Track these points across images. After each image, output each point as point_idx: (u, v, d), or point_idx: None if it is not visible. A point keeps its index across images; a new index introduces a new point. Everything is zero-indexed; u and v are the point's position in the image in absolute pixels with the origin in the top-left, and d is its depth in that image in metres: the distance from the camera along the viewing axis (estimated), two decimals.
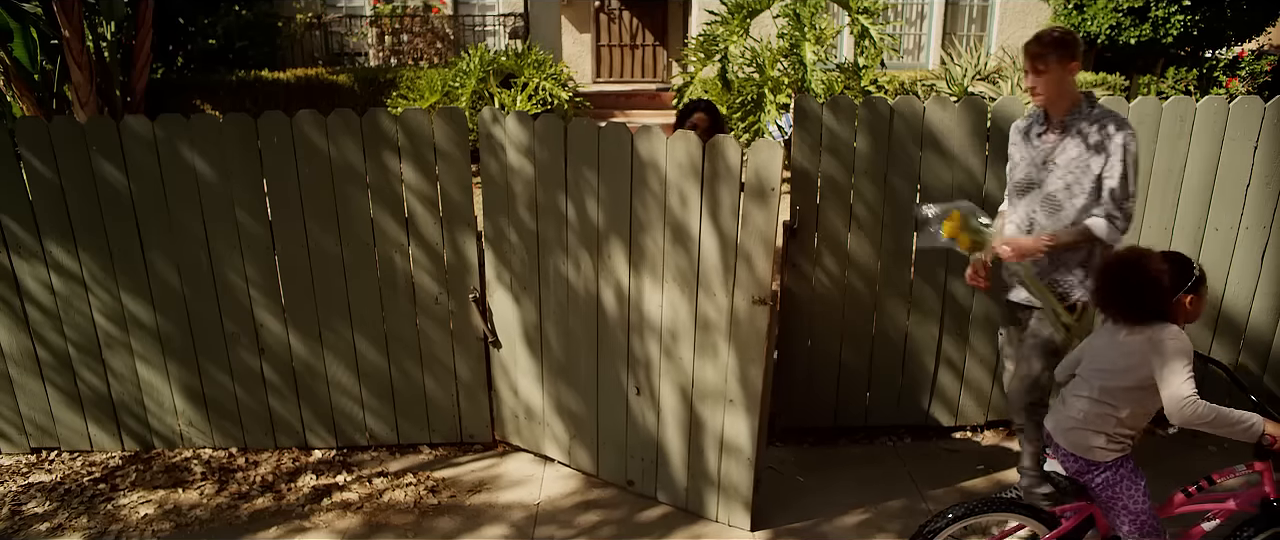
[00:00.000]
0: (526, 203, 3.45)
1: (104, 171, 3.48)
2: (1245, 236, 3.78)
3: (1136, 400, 2.44)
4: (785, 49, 5.71)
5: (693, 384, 3.29)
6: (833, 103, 3.50)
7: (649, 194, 3.16)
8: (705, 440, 3.33)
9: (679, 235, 3.14)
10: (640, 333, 3.35)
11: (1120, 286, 2.42)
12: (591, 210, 3.29)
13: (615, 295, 3.37)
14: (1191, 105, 3.59)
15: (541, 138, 3.31)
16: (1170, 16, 8.81)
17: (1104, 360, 2.49)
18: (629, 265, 3.28)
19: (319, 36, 10.77)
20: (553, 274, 3.50)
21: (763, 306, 3.04)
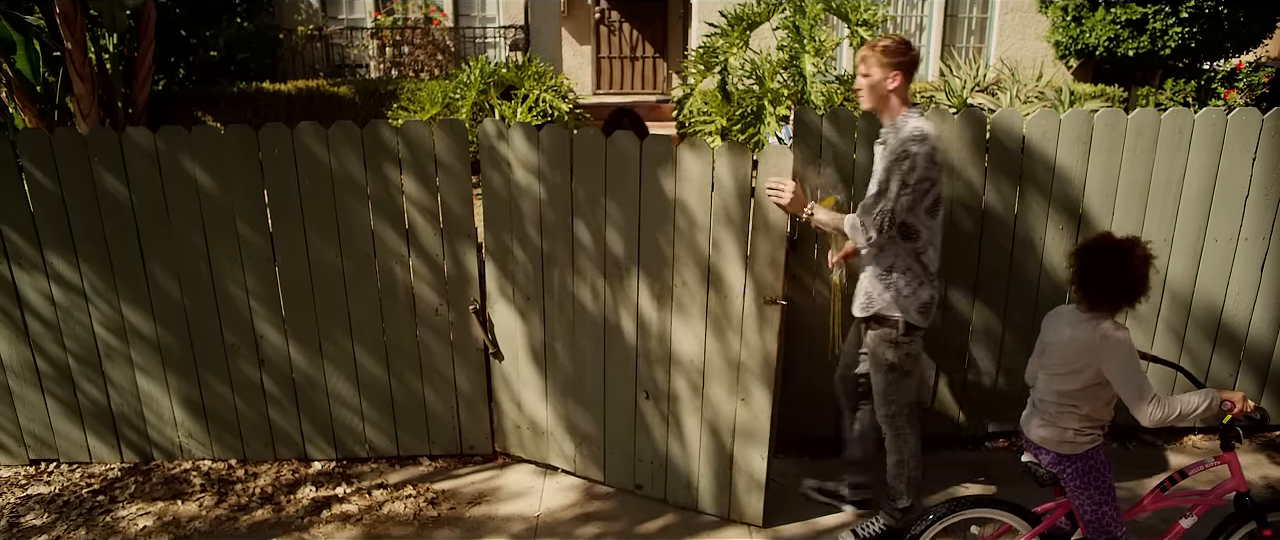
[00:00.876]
0: (532, 217, 3.46)
1: (105, 183, 3.49)
2: (1245, 247, 3.79)
3: (1093, 396, 2.55)
4: (785, 61, 5.73)
5: (704, 386, 3.30)
6: (832, 115, 3.51)
7: (657, 204, 3.17)
8: (719, 437, 3.35)
9: (691, 244, 3.15)
10: (648, 335, 3.35)
11: (1100, 272, 2.50)
12: (598, 218, 3.30)
13: (623, 301, 3.38)
14: (1190, 117, 3.60)
15: (546, 148, 3.33)
16: (1168, 29, 8.84)
17: (1056, 365, 2.61)
18: (638, 266, 3.29)
19: (320, 48, 10.81)
20: (558, 285, 3.50)
21: (774, 306, 3.12)
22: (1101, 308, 2.52)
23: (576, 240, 3.39)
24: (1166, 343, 3.88)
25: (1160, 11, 8.78)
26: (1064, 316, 2.64)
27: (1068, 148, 3.60)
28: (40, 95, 7.61)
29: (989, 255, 3.71)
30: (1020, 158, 3.60)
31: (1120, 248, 2.49)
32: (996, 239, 3.70)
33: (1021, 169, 3.62)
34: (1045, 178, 3.63)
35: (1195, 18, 8.81)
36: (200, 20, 9.97)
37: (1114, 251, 2.49)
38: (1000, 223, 3.68)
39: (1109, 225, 3.68)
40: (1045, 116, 3.58)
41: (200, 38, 9.82)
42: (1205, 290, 3.83)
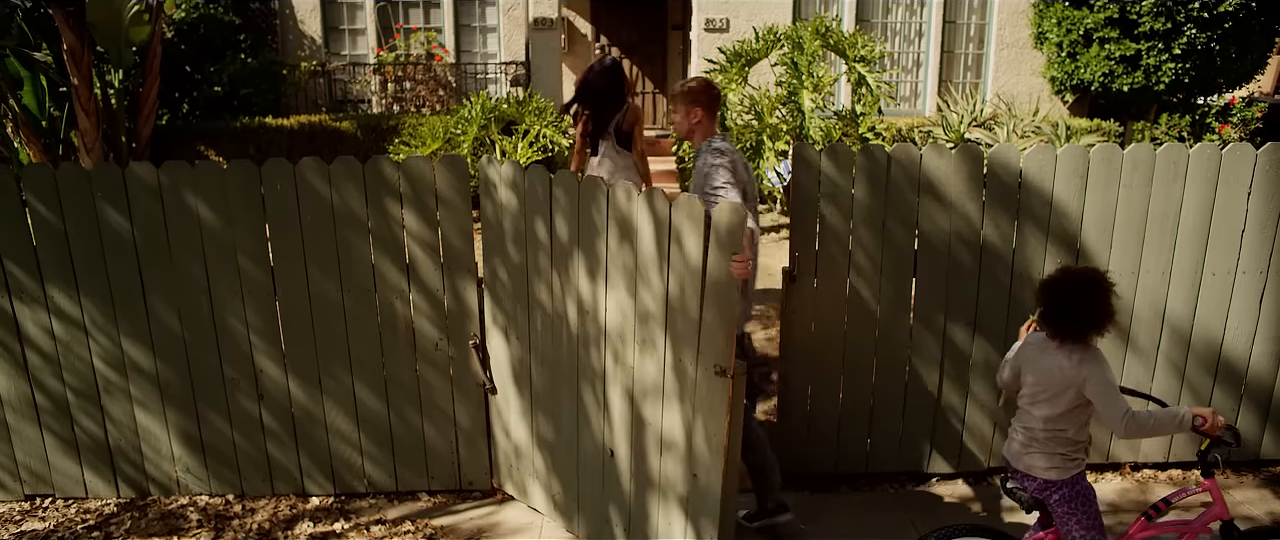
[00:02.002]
0: (514, 238, 3.47)
1: (108, 217, 3.51)
2: (1243, 281, 3.80)
3: (1077, 417, 2.65)
4: (783, 97, 5.79)
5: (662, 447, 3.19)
6: (830, 150, 3.54)
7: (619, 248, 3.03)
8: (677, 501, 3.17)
9: (648, 287, 2.98)
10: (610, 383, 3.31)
11: (1078, 304, 2.57)
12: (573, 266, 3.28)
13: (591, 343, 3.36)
14: (1185, 152, 3.63)
15: (524, 191, 3.31)
16: (1161, 65, 8.94)
17: (1038, 393, 2.67)
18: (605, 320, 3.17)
19: (323, 84, 10.91)
20: (537, 322, 3.50)
21: (722, 378, 2.76)
22: (1071, 339, 2.60)
23: (552, 289, 3.31)
24: (1167, 378, 3.87)
25: (1153, 48, 8.88)
26: (1037, 346, 2.71)
27: (1064, 182, 3.62)
28: (45, 130, 7.67)
29: (987, 290, 3.72)
30: (1017, 193, 3.63)
31: (1084, 281, 2.58)
32: (995, 274, 3.71)
33: (1019, 204, 3.64)
34: (1043, 212, 3.65)
35: (1188, 54, 8.90)
36: (205, 56, 10.07)
37: (1079, 285, 2.58)
38: (998, 257, 3.69)
39: (1107, 259, 3.70)
40: (1042, 151, 3.61)
41: (205, 73, 9.91)
42: (1204, 324, 3.83)
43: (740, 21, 10.02)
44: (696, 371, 2.86)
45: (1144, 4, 8.71)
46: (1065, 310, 2.58)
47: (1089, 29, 9.17)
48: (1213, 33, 8.77)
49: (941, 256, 3.67)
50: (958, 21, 10.44)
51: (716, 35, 10.03)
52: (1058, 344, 2.62)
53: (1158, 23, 8.73)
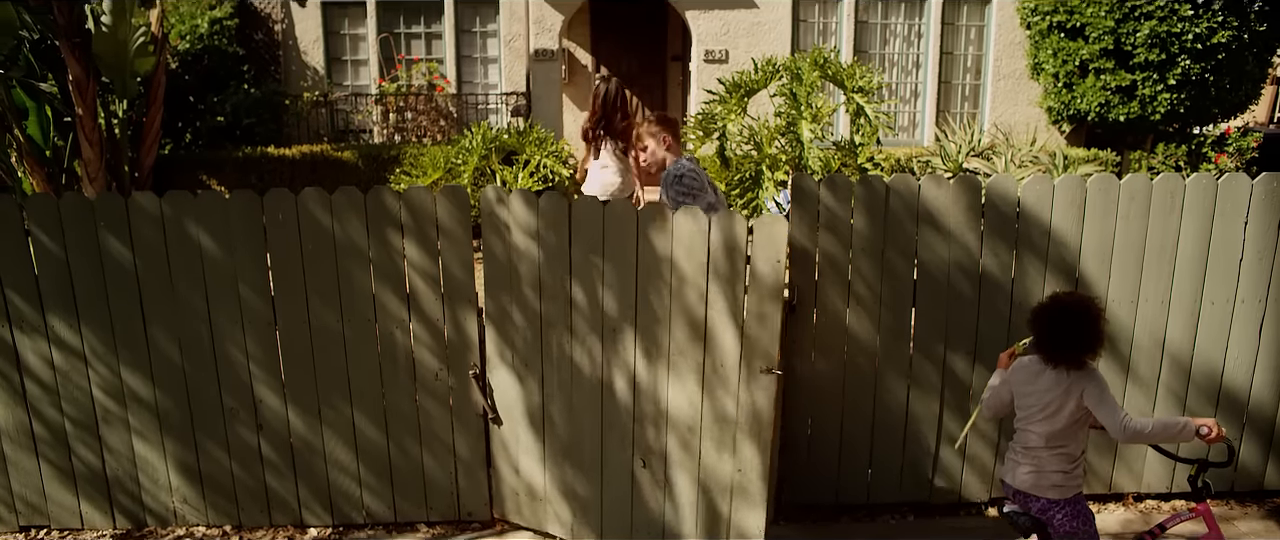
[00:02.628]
0: (531, 282, 3.48)
1: (110, 247, 3.52)
2: (1242, 310, 3.80)
3: (1077, 432, 2.72)
4: (782, 127, 5.81)
5: (701, 460, 3.27)
6: (829, 181, 3.57)
7: (656, 273, 3.20)
8: (713, 500, 3.31)
9: (689, 311, 3.15)
10: (643, 396, 3.34)
11: (1074, 331, 2.64)
12: (597, 286, 3.32)
13: (619, 366, 3.37)
14: (1181, 182, 3.66)
15: (546, 216, 3.37)
16: (1157, 95, 9.02)
17: (1035, 412, 2.73)
18: (635, 331, 3.28)
19: (325, 114, 10.98)
20: (557, 351, 3.50)
21: (770, 375, 3.22)
22: (1064, 363, 2.65)
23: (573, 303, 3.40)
24: (1168, 406, 3.86)
25: (1148, 78, 8.96)
26: (1030, 371, 2.76)
27: (1062, 212, 3.64)
28: (49, 159, 7.71)
29: (987, 319, 3.73)
30: (1016, 223, 3.65)
31: (1076, 307, 2.62)
32: (995, 303, 3.72)
33: (1018, 234, 3.66)
34: (1041, 242, 3.67)
35: (1182, 85, 8.99)
36: (209, 86, 10.16)
37: (1071, 311, 2.62)
38: (998, 287, 3.70)
39: (1105, 289, 3.70)
40: (1039, 182, 3.64)
41: (208, 103, 9.99)
42: (1204, 353, 3.83)
43: (739, 53, 10.13)
44: (744, 372, 3.26)
45: (1138, 36, 8.80)
46: (1058, 336, 2.64)
47: (1084, 60, 9.26)
48: (1206, 64, 8.86)
49: (941, 286, 3.68)
50: (954, 53, 10.55)
51: (716, 66, 10.13)
52: (1052, 367, 2.66)
53: (1152, 54, 8.82)
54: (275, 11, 11.15)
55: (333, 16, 11.26)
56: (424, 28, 11.32)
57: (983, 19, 10.48)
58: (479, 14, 11.33)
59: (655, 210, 3.28)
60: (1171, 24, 8.69)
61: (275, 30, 11.17)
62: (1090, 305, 2.67)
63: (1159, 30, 8.73)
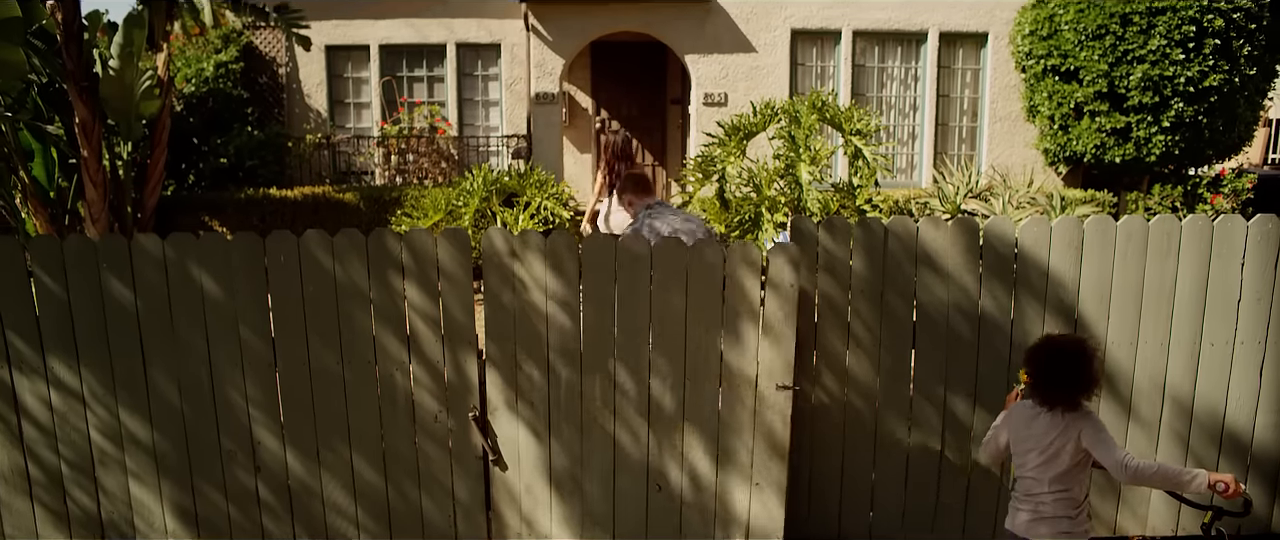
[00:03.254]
0: (540, 319, 3.49)
1: (112, 288, 3.53)
2: (1241, 351, 3.80)
3: (1079, 474, 2.71)
4: (781, 169, 5.88)
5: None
6: (828, 223, 3.59)
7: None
8: None
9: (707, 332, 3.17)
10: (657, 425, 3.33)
11: (1069, 373, 2.64)
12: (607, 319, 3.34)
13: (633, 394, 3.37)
14: (1177, 224, 3.69)
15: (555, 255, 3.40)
16: (1151, 137, 9.10)
17: (1035, 456, 2.71)
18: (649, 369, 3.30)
19: (327, 155, 11.08)
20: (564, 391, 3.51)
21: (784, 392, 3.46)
22: (1059, 405, 2.65)
23: None
24: (1172, 449, 3.84)
25: (1143, 120, 9.06)
26: (1026, 414, 2.75)
27: (1060, 254, 3.66)
28: (52, 200, 7.77)
29: (987, 361, 3.73)
30: (1014, 264, 3.67)
31: (1069, 348, 2.62)
32: (994, 344, 3.72)
33: (1016, 275, 3.67)
34: (1039, 283, 3.68)
35: (1176, 127, 9.08)
36: (213, 128, 10.27)
37: (1064, 352, 2.62)
38: (997, 328, 3.71)
39: (1104, 330, 3.71)
40: (1037, 223, 3.66)
41: (211, 145, 10.09)
42: (1206, 395, 3.82)
43: (738, 96, 10.25)
44: (759, 391, 3.50)
45: (1131, 79, 8.92)
46: (1053, 378, 2.64)
47: (1079, 102, 9.37)
48: (1199, 106, 8.96)
49: (940, 328, 3.69)
50: (951, 95, 10.68)
51: (715, 109, 10.25)
52: (1047, 410, 2.65)
53: (1146, 97, 8.93)
54: (280, 55, 11.32)
55: (336, 60, 11.43)
56: (426, 71, 11.47)
57: (978, 62, 10.63)
58: (481, 58, 11.50)
59: (672, 244, 3.48)
60: (1164, 67, 8.82)
61: (279, 73, 11.32)
62: (1083, 345, 2.66)
63: (1151, 74, 8.85)
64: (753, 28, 10.25)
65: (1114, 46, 8.94)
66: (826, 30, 10.34)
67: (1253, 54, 8.97)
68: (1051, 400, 2.64)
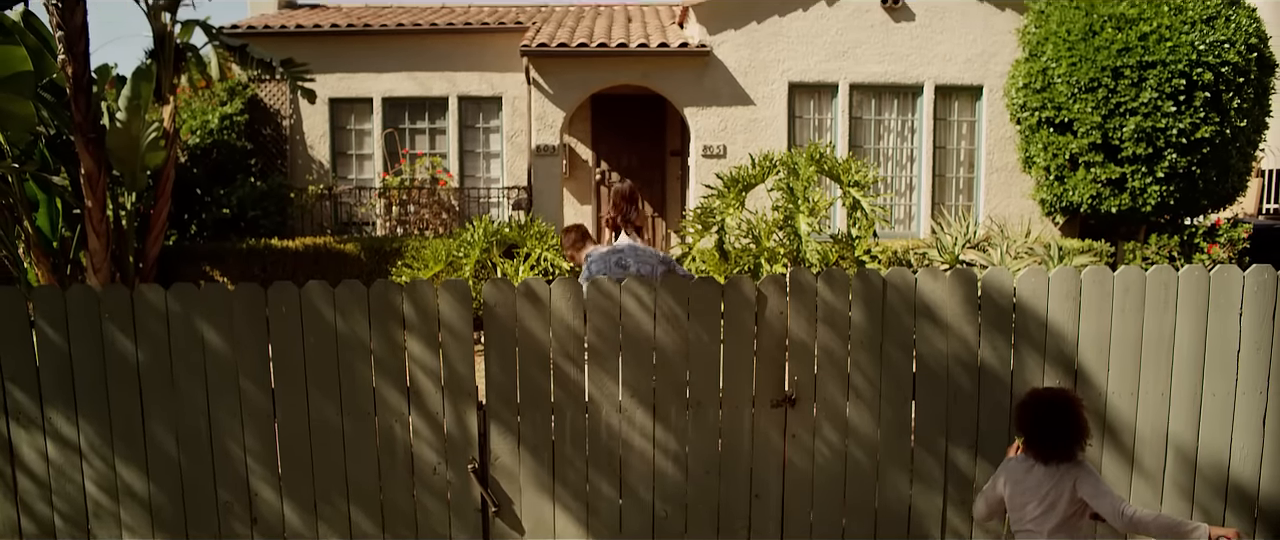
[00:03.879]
0: (541, 367, 3.49)
1: (114, 339, 3.54)
2: (1243, 402, 3.79)
3: (1076, 524, 2.71)
4: (780, 221, 5.94)
5: None
6: (827, 275, 3.62)
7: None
8: None
9: None
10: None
11: (1059, 426, 2.66)
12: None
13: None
14: (1174, 274, 3.71)
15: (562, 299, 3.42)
16: (1146, 187, 9.20)
17: (1032, 510, 2.71)
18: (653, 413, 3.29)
19: (329, 206, 11.17)
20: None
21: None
22: (1053, 459, 2.68)
23: None
24: (1177, 501, 3.81)
25: (1137, 171, 9.16)
26: (1021, 469, 2.76)
27: (1058, 305, 3.68)
28: (55, 250, 7.80)
29: (988, 412, 3.72)
30: (1013, 315, 3.68)
31: (1057, 401, 2.65)
32: (995, 396, 3.71)
33: (1015, 326, 3.69)
34: (1038, 334, 3.69)
35: (1171, 177, 9.18)
36: (216, 179, 10.37)
37: (1053, 406, 2.65)
38: (997, 379, 3.71)
39: (1105, 381, 3.71)
40: (1034, 274, 3.69)
41: (214, 196, 10.17)
42: (1209, 446, 3.80)
43: (737, 148, 10.38)
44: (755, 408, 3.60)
45: (1125, 130, 9.04)
46: (1046, 432, 2.68)
47: (1074, 153, 9.49)
48: (1192, 157, 9.07)
49: (940, 379, 3.69)
50: (948, 147, 10.81)
51: (714, 161, 10.36)
52: (1042, 464, 2.68)
53: (1140, 148, 9.04)
54: (284, 107, 11.48)
55: (340, 112, 11.59)
56: (428, 123, 11.63)
57: (974, 114, 10.78)
58: (482, 110, 11.67)
59: (677, 281, 3.62)
60: (1156, 119, 8.95)
61: (283, 125, 11.48)
62: (1069, 396, 2.71)
63: (1144, 125, 8.97)
64: (751, 81, 10.43)
65: (1106, 99, 9.09)
66: (823, 83, 10.52)
67: (1242, 106, 9.11)
68: (1046, 454, 2.66)
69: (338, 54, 11.36)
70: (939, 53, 10.50)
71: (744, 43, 10.38)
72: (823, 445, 3.70)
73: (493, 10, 12.84)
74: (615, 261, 4.67)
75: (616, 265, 4.64)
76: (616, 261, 4.66)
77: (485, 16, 12.08)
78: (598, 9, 13.13)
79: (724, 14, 10.33)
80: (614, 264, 4.65)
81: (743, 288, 3.57)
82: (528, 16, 12.10)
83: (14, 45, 6.50)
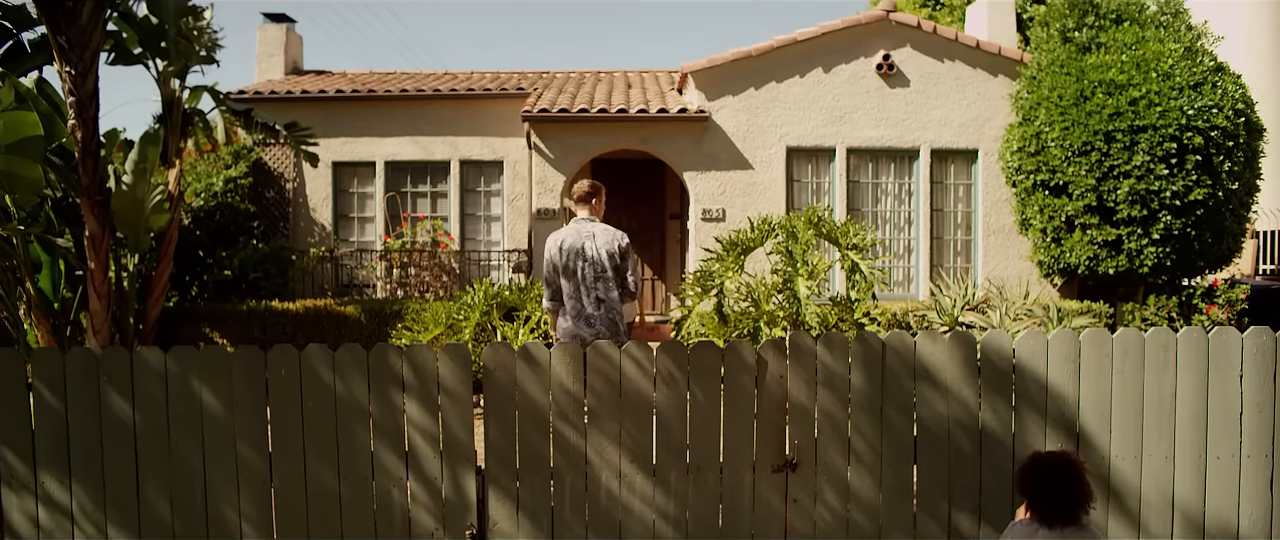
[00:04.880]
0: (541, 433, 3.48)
1: (112, 402, 3.53)
2: (1249, 465, 3.77)
3: None
4: (779, 284, 5.96)
5: None
6: (826, 338, 3.63)
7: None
8: None
9: None
10: None
11: (1062, 490, 2.64)
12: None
13: None
14: (1172, 336, 3.72)
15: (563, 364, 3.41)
16: (1142, 249, 9.25)
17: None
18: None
19: (330, 268, 11.22)
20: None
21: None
22: (1058, 523, 2.64)
23: None
24: None
25: (1133, 233, 9.23)
26: (1026, 530, 2.72)
27: (1058, 367, 3.68)
28: (56, 311, 7.81)
29: (990, 475, 3.69)
30: (1012, 377, 3.68)
31: (1059, 463, 2.65)
32: (996, 459, 3.69)
33: (1015, 389, 3.68)
34: (1039, 396, 3.68)
35: (1166, 239, 9.24)
36: (219, 241, 10.44)
37: (1055, 469, 2.65)
38: (998, 443, 3.68)
39: (1107, 444, 3.69)
40: (1033, 337, 3.70)
41: (216, 257, 10.22)
42: (1217, 511, 3.76)
43: (736, 211, 10.48)
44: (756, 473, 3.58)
45: (1119, 193, 9.14)
46: (1051, 496, 2.66)
47: (1070, 216, 9.57)
48: (1187, 219, 9.15)
49: (941, 442, 3.67)
50: (945, 210, 10.91)
51: (713, 224, 10.45)
52: (1048, 528, 2.66)
53: (1134, 210, 9.13)
54: (288, 170, 11.63)
55: (343, 175, 11.73)
56: (430, 187, 11.76)
57: (970, 177, 10.91)
58: (483, 174, 11.81)
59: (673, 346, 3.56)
60: (1149, 182, 9.05)
61: (287, 188, 11.60)
62: (1071, 460, 2.70)
63: (1138, 188, 9.07)
64: (749, 146, 10.58)
65: (1100, 162, 9.21)
66: (821, 148, 10.67)
67: (1233, 169, 9.23)
68: (1051, 518, 2.64)
69: (342, 118, 11.56)
70: (934, 117, 10.69)
71: (742, 108, 10.57)
72: (824, 510, 3.65)
73: (495, 76, 13.10)
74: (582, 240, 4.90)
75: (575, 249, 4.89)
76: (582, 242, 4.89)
77: (487, 82, 12.32)
78: (598, 75, 13.40)
79: (722, 80, 10.55)
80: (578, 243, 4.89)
81: (742, 352, 3.58)
82: (529, 82, 12.34)
83: (26, 111, 6.63)
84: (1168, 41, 9.50)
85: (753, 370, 3.58)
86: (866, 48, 10.64)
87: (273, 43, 13.11)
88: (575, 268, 4.83)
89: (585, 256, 4.82)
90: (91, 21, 6.58)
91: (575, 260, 4.83)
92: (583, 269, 4.82)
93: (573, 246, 4.85)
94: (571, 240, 4.87)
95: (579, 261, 4.82)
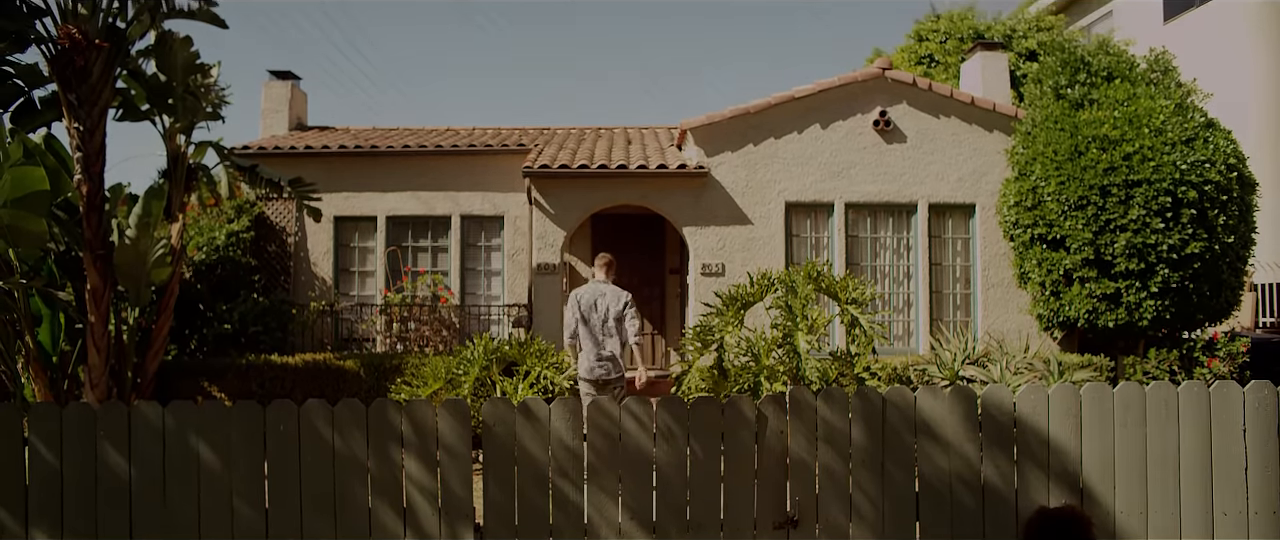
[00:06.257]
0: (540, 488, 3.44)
1: (108, 457, 3.50)
2: (1257, 521, 3.72)
3: None
4: (779, 338, 5.96)
5: None
6: (826, 394, 3.62)
7: None
8: None
9: None
10: None
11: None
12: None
13: None
14: (1173, 391, 3.71)
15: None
16: (1141, 302, 9.26)
17: None
18: None
19: (330, 322, 11.21)
20: None
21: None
22: None
23: None
24: None
25: (1131, 286, 9.25)
26: None
27: (1059, 421, 3.66)
28: (54, 365, 7.79)
29: (993, 530, 3.64)
30: (1013, 432, 3.66)
31: (1067, 519, 2.62)
32: (999, 515, 3.65)
33: (1017, 444, 3.66)
34: (1040, 451, 3.66)
35: (1164, 292, 9.26)
36: (220, 294, 10.45)
37: (1063, 524, 2.62)
38: (1001, 498, 3.65)
39: (1111, 500, 3.65)
40: (1033, 391, 3.69)
41: (216, 311, 10.23)
42: None
43: (735, 266, 10.51)
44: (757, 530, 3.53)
45: (1116, 246, 9.19)
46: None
47: (1068, 269, 9.60)
48: (1184, 273, 9.18)
49: (943, 498, 3.63)
50: (943, 263, 10.95)
51: (712, 279, 10.48)
52: None
53: (1132, 263, 9.17)
54: (290, 225, 11.70)
55: (344, 230, 11.81)
56: (431, 242, 11.83)
57: (968, 232, 10.98)
58: (484, 229, 11.89)
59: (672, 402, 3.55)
60: (1146, 236, 9.10)
61: (289, 242, 11.67)
62: (1079, 515, 2.68)
63: (1135, 242, 9.13)
64: (748, 201, 10.67)
65: (1096, 216, 9.28)
66: (820, 203, 10.76)
67: (1228, 223, 9.30)
68: None
69: (344, 173, 11.68)
70: (931, 172, 10.80)
71: (741, 164, 10.69)
72: None
73: (496, 132, 13.27)
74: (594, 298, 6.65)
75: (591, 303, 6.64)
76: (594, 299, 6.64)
77: (489, 139, 12.48)
78: (598, 131, 13.58)
79: (721, 136, 10.68)
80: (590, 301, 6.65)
81: (742, 407, 3.57)
82: (530, 138, 12.50)
83: (34, 166, 6.71)
84: (1159, 98, 9.66)
85: (753, 426, 3.57)
86: (863, 104, 10.80)
87: (278, 99, 13.32)
88: (590, 317, 6.64)
89: (598, 309, 6.64)
90: (101, 80, 6.71)
91: (591, 311, 6.65)
92: (595, 318, 6.62)
93: (590, 301, 6.67)
94: (589, 297, 6.70)
95: (593, 313, 6.64)
